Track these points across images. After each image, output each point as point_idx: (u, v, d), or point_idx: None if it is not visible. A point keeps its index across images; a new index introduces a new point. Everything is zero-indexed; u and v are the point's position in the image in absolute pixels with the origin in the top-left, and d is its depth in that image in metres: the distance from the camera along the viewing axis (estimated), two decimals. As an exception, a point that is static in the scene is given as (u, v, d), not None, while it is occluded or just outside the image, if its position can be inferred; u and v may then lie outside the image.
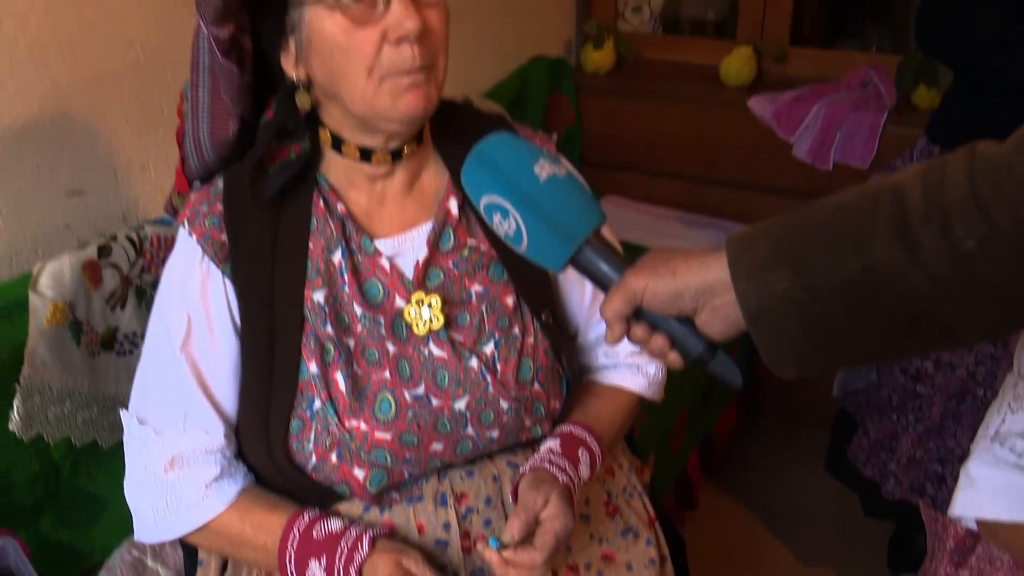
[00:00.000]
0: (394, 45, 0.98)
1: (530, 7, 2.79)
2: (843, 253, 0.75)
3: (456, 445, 1.09)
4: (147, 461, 1.09)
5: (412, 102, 1.00)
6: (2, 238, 1.43)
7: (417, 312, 1.08)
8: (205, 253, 1.06)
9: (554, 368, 1.16)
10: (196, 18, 1.04)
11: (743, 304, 0.79)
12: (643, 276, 0.84)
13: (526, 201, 0.87)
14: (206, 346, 1.08)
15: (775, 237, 0.79)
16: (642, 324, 0.86)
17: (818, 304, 0.76)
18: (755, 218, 2.41)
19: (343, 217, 1.09)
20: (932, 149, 1.91)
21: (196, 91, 1.09)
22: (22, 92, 1.40)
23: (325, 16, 0.98)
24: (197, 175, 1.16)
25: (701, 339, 0.84)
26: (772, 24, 2.74)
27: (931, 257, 0.72)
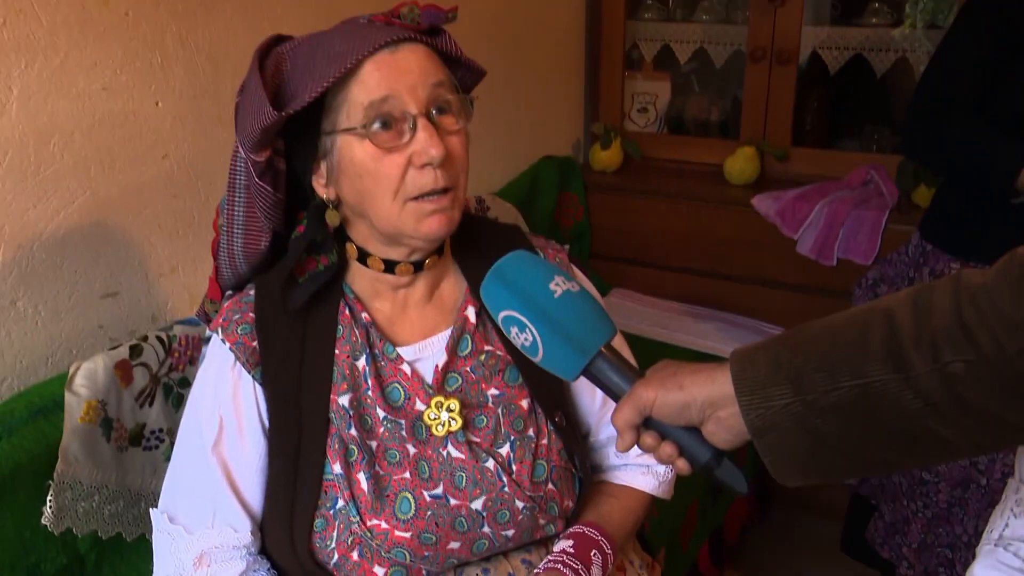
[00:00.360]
0: (418, 169, 1.06)
1: (541, 110, 2.91)
2: (840, 373, 0.80)
3: (473, 544, 1.14)
4: (177, 558, 1.14)
5: (435, 224, 1.08)
6: (40, 338, 1.50)
7: (436, 415, 1.14)
8: (237, 359, 1.13)
9: (567, 468, 1.21)
10: (235, 142, 1.13)
11: (747, 417, 0.83)
12: (652, 388, 0.89)
13: (542, 316, 0.93)
14: (236, 447, 1.13)
15: (776, 355, 0.84)
16: (651, 432, 0.91)
17: (818, 419, 0.81)
18: (760, 312, 2.49)
19: (367, 325, 1.16)
20: (925, 246, 2.00)
21: (232, 208, 1.16)
22: (65, 203, 1.49)
23: (355, 143, 1.07)
24: (230, 285, 1.23)
25: (708, 448, 0.90)
26: (774, 124, 2.84)
27: (922, 379, 0.77)
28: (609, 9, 2.99)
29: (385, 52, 1.06)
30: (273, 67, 1.10)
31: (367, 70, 1.06)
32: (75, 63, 1.47)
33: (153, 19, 1.58)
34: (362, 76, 1.06)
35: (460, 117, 1.11)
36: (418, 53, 1.08)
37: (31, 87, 1.41)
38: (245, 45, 1.76)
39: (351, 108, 1.06)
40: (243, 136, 1.07)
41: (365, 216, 1.11)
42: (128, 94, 1.57)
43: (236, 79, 1.72)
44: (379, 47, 1.06)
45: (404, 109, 1.06)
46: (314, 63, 1.07)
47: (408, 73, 1.07)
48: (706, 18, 2.98)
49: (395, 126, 1.06)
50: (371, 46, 1.05)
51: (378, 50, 1.06)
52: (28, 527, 1.36)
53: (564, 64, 3.03)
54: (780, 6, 2.70)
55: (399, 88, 1.06)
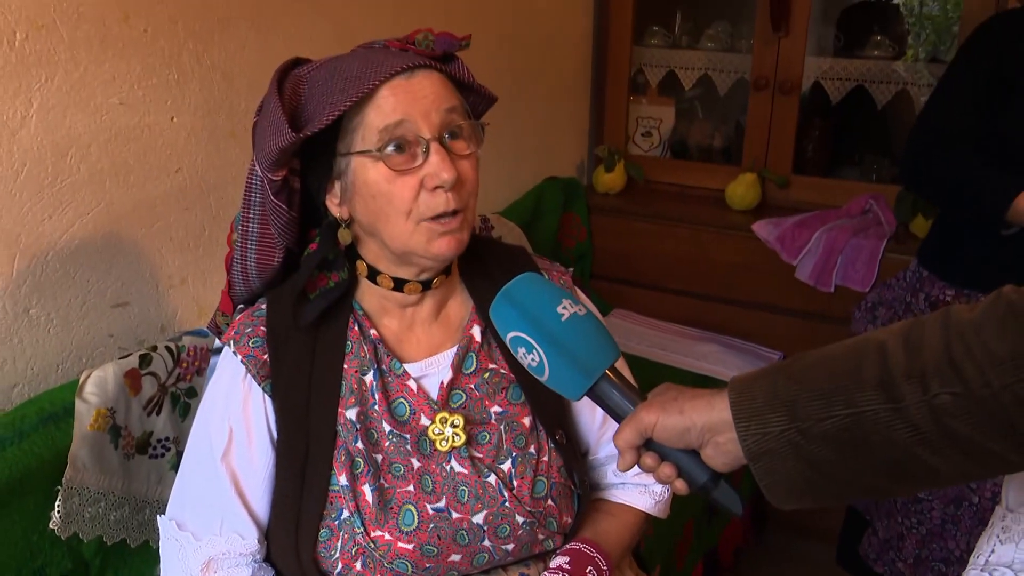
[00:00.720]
0: (430, 192, 1.09)
1: (547, 132, 2.95)
2: (834, 402, 0.83)
3: (473, 557, 1.16)
4: (184, 563, 1.16)
5: (445, 245, 1.12)
6: (51, 346, 1.52)
7: (441, 430, 1.17)
8: (248, 371, 1.16)
9: (567, 485, 1.24)
10: (251, 161, 1.16)
11: (743, 443, 0.87)
12: (654, 412, 0.93)
13: (549, 338, 0.97)
14: (245, 457, 1.16)
15: (773, 383, 0.87)
16: (651, 454, 0.95)
17: (812, 446, 0.84)
18: (759, 336, 2.52)
19: (375, 341, 1.19)
20: (921, 272, 2.05)
21: (247, 224, 1.20)
22: (80, 214, 1.52)
23: (370, 165, 1.10)
24: (242, 299, 1.26)
25: (706, 470, 0.93)
26: (776, 152, 2.88)
27: (912, 409, 0.81)
28: (616, 35, 3.04)
29: (401, 78, 1.10)
30: (291, 89, 1.13)
31: (383, 95, 1.09)
32: (94, 78, 1.51)
33: (171, 36, 1.62)
34: (378, 101, 1.09)
35: (471, 142, 1.15)
36: (432, 79, 1.12)
37: (50, 101, 1.45)
38: (258, 63, 1.80)
39: (366, 131, 1.10)
40: (261, 155, 1.11)
41: (377, 235, 1.14)
42: (144, 109, 1.60)
43: (249, 96, 1.77)
44: (395, 73, 1.09)
45: (418, 133, 1.09)
46: (331, 87, 1.10)
47: (422, 99, 1.10)
48: (711, 46, 3.03)
49: (408, 149, 1.09)
50: (387, 71, 1.09)
51: (394, 76, 1.09)
52: (36, 531, 1.39)
53: (570, 87, 3.07)
54: (784, 36, 2.74)
55: (413, 113, 1.09)
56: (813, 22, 2.79)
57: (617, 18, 3.02)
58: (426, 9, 2.26)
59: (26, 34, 1.39)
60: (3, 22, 1.36)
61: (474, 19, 2.45)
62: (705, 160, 3.20)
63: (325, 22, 1.94)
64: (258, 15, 1.78)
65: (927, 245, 2.09)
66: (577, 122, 3.15)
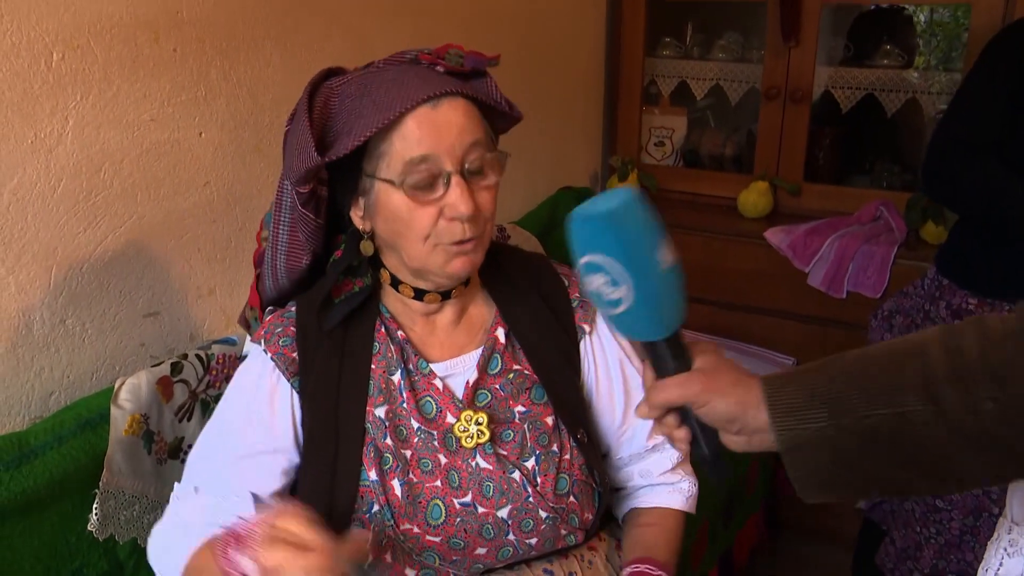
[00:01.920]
0: (448, 220, 1.14)
1: (561, 142, 3.00)
2: (876, 400, 0.86)
3: (498, 550, 1.21)
4: (176, 513, 1.21)
5: (459, 266, 1.18)
6: (86, 355, 1.58)
7: (466, 428, 1.21)
8: (277, 366, 1.21)
9: (588, 482, 1.28)
10: (283, 170, 1.21)
11: (780, 436, 0.89)
12: (709, 390, 0.92)
13: (644, 282, 0.87)
14: (262, 444, 1.21)
15: (811, 382, 0.90)
16: (675, 415, 0.97)
17: (849, 442, 0.86)
18: (771, 342, 2.54)
19: (402, 342, 1.24)
20: (941, 280, 2.06)
21: (277, 227, 1.24)
22: (113, 227, 1.57)
23: (392, 192, 1.14)
24: (270, 294, 1.31)
25: (717, 446, 0.95)
26: (787, 160, 2.92)
27: (952, 412, 0.83)
28: (628, 46, 3.08)
29: (427, 107, 1.13)
30: (322, 102, 1.17)
31: (409, 125, 1.12)
32: (126, 96, 1.56)
33: (199, 55, 1.68)
34: (404, 130, 1.13)
35: (493, 172, 1.19)
36: (458, 110, 1.15)
37: (85, 118, 1.50)
38: (283, 80, 1.85)
39: (391, 160, 1.14)
40: (289, 171, 1.16)
41: (396, 251, 1.19)
42: (174, 125, 1.66)
43: (274, 112, 1.83)
44: (421, 101, 1.12)
45: (440, 167, 1.13)
46: (360, 108, 1.14)
47: (447, 132, 1.13)
48: (722, 56, 3.07)
49: (430, 181, 1.13)
50: (414, 100, 1.12)
51: (420, 104, 1.12)
52: (74, 533, 1.44)
53: (584, 98, 3.12)
54: (794, 47, 2.78)
55: (438, 148, 1.12)
56: (823, 32, 2.83)
57: (629, 30, 3.06)
58: (443, 25, 2.31)
59: (62, 54, 1.45)
60: (40, 43, 1.41)
61: (489, 32, 2.50)
62: (717, 169, 3.24)
63: (347, 39, 2.00)
64: (282, 33, 1.84)
65: (946, 253, 2.10)
66: (591, 133, 3.20)
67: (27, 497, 1.35)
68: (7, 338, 1.45)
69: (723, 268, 2.86)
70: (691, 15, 3.26)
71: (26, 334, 1.47)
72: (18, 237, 1.43)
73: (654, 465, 1.36)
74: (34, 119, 1.42)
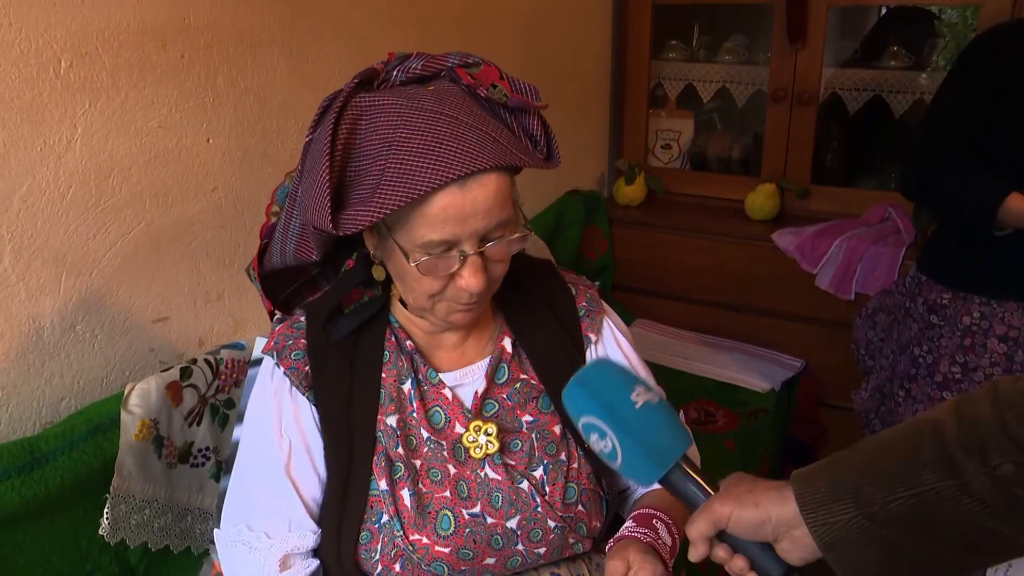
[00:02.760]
0: (456, 287, 1.13)
1: (568, 146, 2.98)
2: (896, 484, 0.85)
3: (507, 560, 1.21)
4: (262, 562, 1.19)
5: (460, 319, 1.19)
6: (96, 360, 1.58)
7: (475, 438, 1.22)
8: (292, 383, 1.21)
9: (596, 491, 1.28)
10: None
11: (814, 533, 0.88)
12: (728, 504, 0.93)
13: (623, 426, 0.97)
14: (305, 465, 1.21)
15: (835, 473, 0.89)
16: (724, 545, 0.96)
17: (883, 530, 0.86)
18: (780, 344, 2.55)
19: (412, 352, 1.25)
20: (920, 277, 2.12)
21: (290, 217, 1.21)
22: (122, 233, 1.58)
23: (406, 256, 1.11)
24: (276, 266, 1.28)
25: (779, 563, 0.93)
26: (794, 162, 2.92)
27: (975, 482, 0.82)
28: (634, 49, 3.08)
29: (455, 186, 1.05)
30: (349, 123, 1.09)
31: (435, 208, 1.06)
32: (134, 103, 1.57)
33: (206, 62, 1.68)
34: (428, 210, 1.06)
35: (513, 245, 1.15)
36: (488, 188, 1.07)
37: (94, 125, 1.51)
38: (289, 86, 1.86)
39: (411, 233, 1.09)
40: (304, 212, 1.14)
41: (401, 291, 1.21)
42: (182, 131, 1.66)
43: (281, 117, 1.84)
44: (450, 180, 1.04)
45: (460, 248, 1.10)
46: (386, 165, 1.06)
47: (473, 216, 1.07)
48: (729, 59, 3.07)
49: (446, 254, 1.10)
50: (443, 179, 1.04)
51: (449, 184, 1.04)
52: (85, 537, 1.45)
53: (590, 102, 3.12)
54: (801, 48, 2.78)
55: (460, 234, 1.08)
56: (830, 33, 2.83)
57: (635, 33, 3.07)
58: (449, 30, 2.32)
59: (71, 62, 1.45)
60: (49, 51, 1.42)
61: (496, 37, 2.51)
62: (724, 171, 3.24)
63: (352, 45, 2.00)
64: (289, 40, 1.84)
65: (926, 250, 2.15)
66: (597, 136, 3.20)
67: (39, 502, 1.35)
68: (18, 344, 1.45)
69: (731, 271, 2.87)
70: (697, 17, 3.27)
71: (36, 340, 1.48)
72: (28, 244, 1.44)
73: None
74: (43, 126, 1.43)
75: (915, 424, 0.89)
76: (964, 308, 1.98)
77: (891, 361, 2.20)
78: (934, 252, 2.11)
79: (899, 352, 2.16)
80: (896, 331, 2.19)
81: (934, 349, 2.04)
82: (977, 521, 0.83)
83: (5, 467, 1.31)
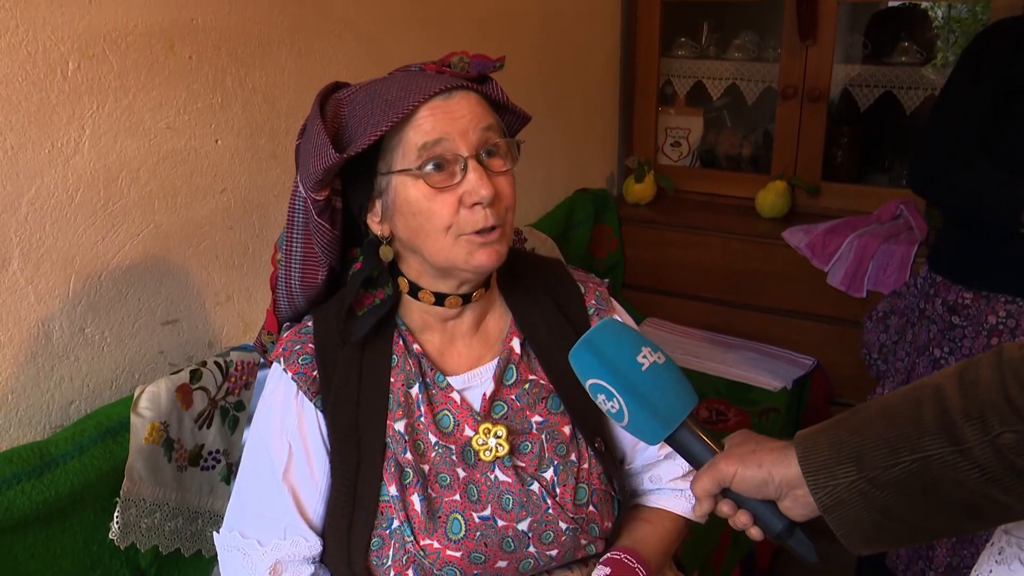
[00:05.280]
0: (469, 208, 1.13)
1: (577, 144, 2.99)
2: (899, 449, 0.86)
3: (519, 563, 1.20)
4: (251, 569, 1.20)
5: (484, 258, 1.16)
6: (106, 363, 1.58)
7: (484, 441, 1.21)
8: (299, 388, 1.20)
9: (607, 491, 1.27)
10: (294, 182, 1.21)
11: (815, 495, 0.90)
12: (733, 463, 0.96)
13: (629, 387, 0.99)
14: (304, 472, 1.20)
15: (836, 437, 0.91)
16: (728, 501, 0.99)
17: (882, 493, 0.87)
18: (792, 342, 2.54)
19: (419, 356, 1.24)
20: (935, 277, 2.08)
21: (291, 244, 1.24)
22: (131, 235, 1.58)
23: (409, 183, 1.14)
24: (287, 316, 1.31)
25: (782, 519, 0.96)
26: (805, 159, 2.91)
27: (975, 450, 0.83)
28: (643, 46, 3.07)
29: (439, 99, 1.14)
30: (332, 112, 1.18)
31: (422, 115, 1.13)
32: (142, 104, 1.57)
33: (214, 63, 1.68)
34: (417, 121, 1.13)
35: (507, 159, 1.19)
36: (469, 100, 1.16)
37: (102, 127, 1.50)
38: (297, 86, 1.85)
39: (406, 150, 1.14)
40: (305, 176, 1.15)
41: (417, 252, 1.18)
42: (190, 132, 1.66)
43: (289, 118, 1.83)
44: (433, 94, 1.14)
45: (456, 152, 1.13)
46: (372, 109, 1.15)
47: (460, 118, 1.14)
48: (738, 56, 3.06)
49: (447, 168, 1.13)
50: (426, 93, 1.13)
51: (432, 97, 1.14)
52: (95, 541, 1.45)
53: (600, 100, 3.11)
54: (811, 45, 2.77)
55: (451, 132, 1.13)
56: (840, 30, 2.81)
57: (644, 30, 3.06)
58: (459, 30, 2.31)
59: (78, 64, 1.45)
60: (57, 53, 1.42)
61: (505, 37, 2.50)
62: (734, 169, 3.23)
63: (360, 45, 2.00)
64: (297, 40, 1.84)
65: (938, 249, 2.11)
66: (607, 134, 3.19)
67: (49, 506, 1.35)
68: (27, 348, 1.45)
69: (742, 269, 2.86)
70: (707, 15, 3.25)
71: (46, 343, 1.48)
72: (37, 246, 1.43)
73: (664, 471, 1.35)
74: (51, 129, 1.43)
75: (918, 389, 0.90)
76: (988, 308, 1.95)
77: (906, 364, 2.18)
78: (947, 251, 2.07)
79: (916, 355, 2.13)
80: (911, 333, 2.17)
81: (956, 350, 2.01)
82: (976, 488, 0.84)
83: (15, 471, 1.31)
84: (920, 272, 2.15)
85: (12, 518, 1.31)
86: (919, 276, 2.15)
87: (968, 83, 1.93)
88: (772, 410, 2.59)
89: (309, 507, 1.21)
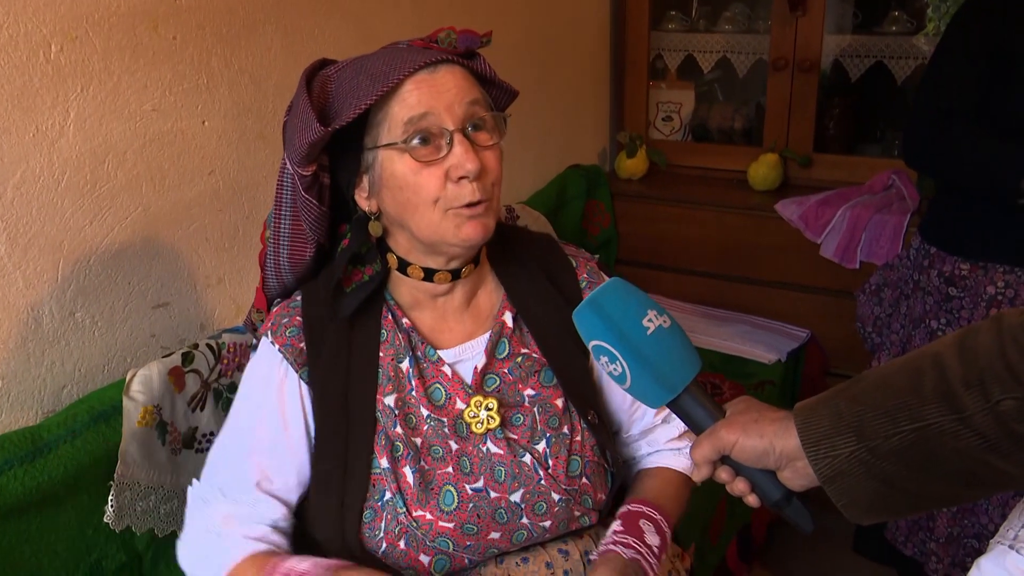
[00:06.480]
0: (455, 182, 1.13)
1: (568, 120, 2.98)
2: (899, 418, 0.85)
3: (512, 534, 1.20)
4: (205, 517, 1.22)
5: (472, 231, 1.15)
6: (97, 348, 1.58)
7: (476, 413, 1.21)
8: (285, 358, 1.21)
9: (600, 463, 1.27)
10: (282, 158, 1.20)
11: (815, 466, 0.90)
12: (734, 432, 0.95)
13: (633, 351, 0.97)
14: (278, 439, 1.21)
15: (836, 407, 0.90)
16: (727, 468, 0.98)
17: (883, 463, 0.86)
18: (786, 314, 2.53)
19: (408, 330, 1.24)
20: (928, 248, 2.07)
21: (279, 221, 1.24)
22: (119, 219, 1.57)
23: (396, 157, 1.14)
24: (276, 294, 1.31)
25: (780, 488, 0.96)
26: (797, 131, 2.89)
27: (976, 418, 0.82)
28: (633, 21, 3.06)
29: (424, 72, 1.14)
30: (319, 88, 1.17)
31: (407, 89, 1.13)
32: (127, 86, 1.55)
33: (199, 43, 1.67)
34: (402, 95, 1.13)
35: (494, 133, 1.18)
36: (455, 73, 1.16)
37: (87, 110, 1.49)
38: (284, 66, 1.84)
39: (392, 124, 1.14)
40: (291, 151, 1.15)
41: (405, 227, 1.18)
42: (177, 114, 1.65)
43: (277, 98, 1.82)
44: (419, 68, 1.13)
45: (441, 125, 1.13)
46: (358, 83, 1.14)
47: (446, 92, 1.14)
48: (728, 28, 3.04)
49: (433, 141, 1.13)
50: (411, 67, 1.13)
51: (418, 70, 1.13)
52: (91, 526, 1.44)
53: (590, 75, 3.09)
54: (802, 16, 2.75)
55: (437, 106, 1.13)
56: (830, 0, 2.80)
57: (634, 4, 3.04)
58: (446, 7, 2.29)
59: (61, 46, 1.44)
60: (39, 35, 1.40)
61: (494, 12, 2.48)
62: (726, 142, 3.22)
63: (348, 23, 1.98)
64: (283, 18, 1.82)
65: (931, 221, 2.09)
66: (598, 109, 3.18)
67: (42, 492, 1.35)
68: (17, 333, 1.45)
69: (735, 242, 2.85)
70: (696, -13, 3.23)
71: (35, 329, 1.47)
72: (24, 231, 1.43)
73: (661, 434, 1.37)
74: (35, 112, 1.41)
75: (917, 357, 0.89)
76: (987, 278, 1.93)
77: (901, 336, 2.17)
78: (942, 222, 2.06)
79: (912, 327, 2.12)
80: (905, 305, 2.16)
81: (954, 321, 2.00)
82: (977, 455, 0.83)
83: (7, 457, 1.31)
84: (912, 243, 2.14)
85: (5, 504, 1.30)
86: (912, 247, 2.15)
87: (958, 51, 1.90)
88: (767, 383, 2.60)
89: (277, 476, 1.21)
